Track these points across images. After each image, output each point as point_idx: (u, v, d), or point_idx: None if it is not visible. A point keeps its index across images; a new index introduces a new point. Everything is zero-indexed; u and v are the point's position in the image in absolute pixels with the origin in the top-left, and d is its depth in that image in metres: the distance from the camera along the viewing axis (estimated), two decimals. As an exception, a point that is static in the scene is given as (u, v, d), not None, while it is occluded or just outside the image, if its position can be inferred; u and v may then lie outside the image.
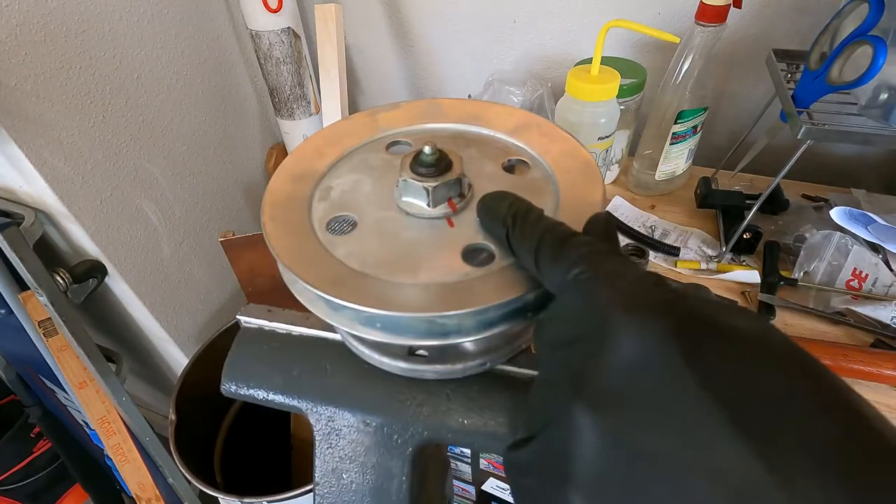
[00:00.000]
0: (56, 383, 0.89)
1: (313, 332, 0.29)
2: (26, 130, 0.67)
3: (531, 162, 0.27)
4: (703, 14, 0.61)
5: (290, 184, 0.27)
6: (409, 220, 0.25)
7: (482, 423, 0.25)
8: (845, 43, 0.50)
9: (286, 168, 0.28)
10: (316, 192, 0.27)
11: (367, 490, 0.27)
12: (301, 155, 0.29)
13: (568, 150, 0.27)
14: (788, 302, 0.59)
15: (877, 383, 0.52)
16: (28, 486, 1.12)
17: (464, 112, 0.30)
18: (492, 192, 0.23)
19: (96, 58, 0.74)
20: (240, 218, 1.10)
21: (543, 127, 0.28)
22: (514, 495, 0.20)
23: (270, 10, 0.85)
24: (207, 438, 0.95)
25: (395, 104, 0.31)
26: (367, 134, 0.30)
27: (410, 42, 0.96)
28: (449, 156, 0.24)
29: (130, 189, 0.84)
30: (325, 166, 0.28)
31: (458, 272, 0.22)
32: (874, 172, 0.79)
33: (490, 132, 0.29)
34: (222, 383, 0.29)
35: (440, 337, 0.22)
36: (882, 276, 0.58)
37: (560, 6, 0.82)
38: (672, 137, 0.70)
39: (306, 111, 0.99)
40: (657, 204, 0.77)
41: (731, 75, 0.78)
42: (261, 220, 0.25)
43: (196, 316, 1.03)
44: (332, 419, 0.27)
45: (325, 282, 0.22)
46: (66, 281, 0.77)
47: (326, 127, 0.31)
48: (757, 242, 0.65)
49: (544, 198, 0.25)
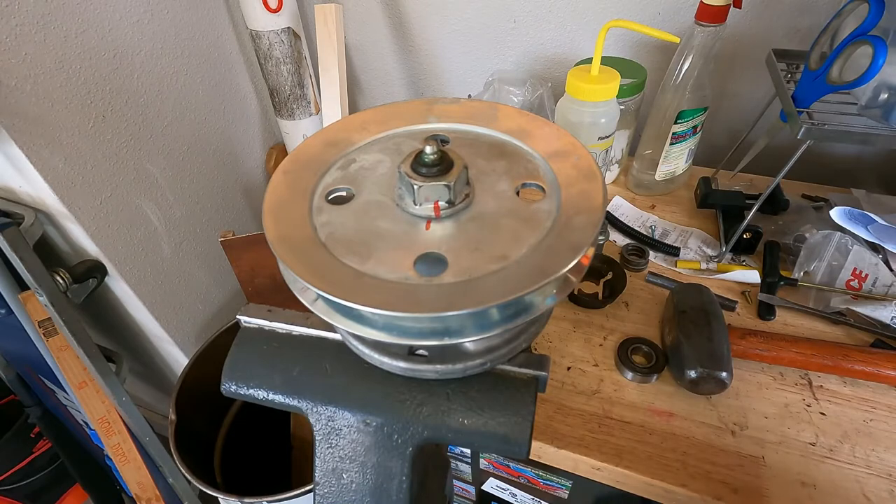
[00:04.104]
0: (56, 383, 0.89)
1: (313, 332, 0.29)
2: (26, 130, 0.67)
3: (549, 191, 0.26)
4: (703, 14, 0.61)
5: (321, 146, 0.28)
6: (395, 210, 0.25)
7: (482, 423, 0.25)
8: (845, 43, 0.50)
9: (326, 131, 0.29)
10: (340, 160, 0.28)
11: (367, 490, 0.27)
12: (346, 124, 0.30)
13: (588, 191, 0.25)
14: (788, 302, 0.59)
15: (877, 383, 0.52)
16: (28, 486, 1.12)
17: (515, 123, 0.30)
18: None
19: (96, 58, 0.74)
20: (240, 218, 1.10)
21: (582, 160, 0.27)
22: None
23: (270, 10, 0.85)
24: (207, 438, 0.95)
25: (456, 99, 0.31)
26: (416, 121, 0.30)
27: (410, 42, 0.96)
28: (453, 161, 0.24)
29: (130, 189, 0.84)
30: (362, 140, 0.29)
31: (400, 273, 0.22)
32: (874, 172, 0.79)
33: (530, 150, 0.28)
34: (222, 383, 0.29)
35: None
36: (882, 276, 0.58)
37: (560, 6, 0.82)
38: (672, 137, 0.70)
39: (306, 111, 0.99)
40: (657, 204, 0.77)
41: (731, 75, 0.78)
42: (281, 167, 0.27)
43: (196, 316, 1.03)
44: (332, 419, 0.27)
45: (279, 240, 0.23)
46: (66, 281, 0.77)
47: (384, 105, 0.31)
48: (757, 242, 0.65)
49: (533, 232, 0.24)
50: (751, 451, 0.48)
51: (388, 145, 0.29)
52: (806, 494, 0.44)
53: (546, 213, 0.25)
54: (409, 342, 0.23)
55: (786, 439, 0.48)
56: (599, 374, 0.55)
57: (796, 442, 0.48)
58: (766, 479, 0.45)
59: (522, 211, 0.25)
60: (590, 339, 0.58)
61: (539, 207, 0.25)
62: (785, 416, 0.50)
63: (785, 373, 0.54)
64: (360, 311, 0.22)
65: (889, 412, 0.50)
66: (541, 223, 0.24)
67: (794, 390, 0.52)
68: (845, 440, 0.48)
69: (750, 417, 0.50)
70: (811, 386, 0.53)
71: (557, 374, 0.55)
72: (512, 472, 0.67)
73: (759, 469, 0.46)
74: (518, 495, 0.71)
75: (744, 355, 0.54)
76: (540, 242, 0.23)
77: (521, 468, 0.65)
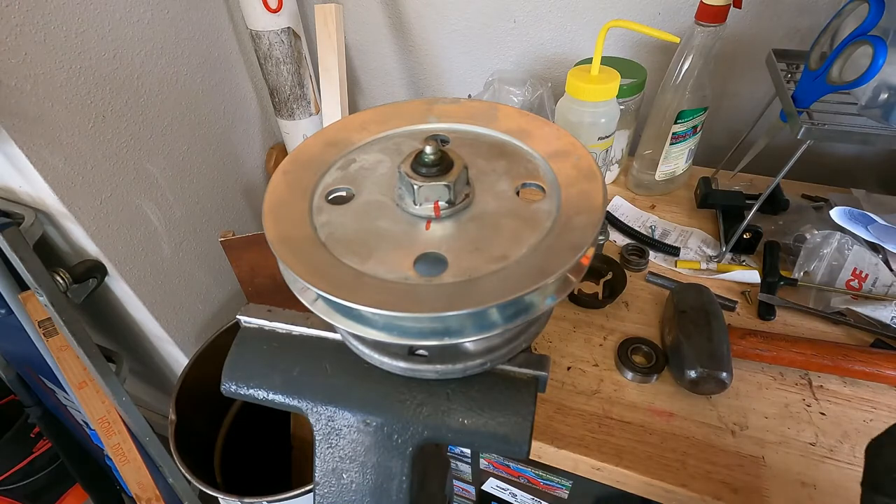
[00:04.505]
0: (56, 383, 0.89)
1: (313, 332, 0.29)
2: (26, 130, 0.67)
3: (549, 191, 0.26)
4: (703, 14, 0.61)
5: (321, 146, 0.28)
6: (395, 210, 0.25)
7: (482, 423, 0.25)
8: (845, 43, 0.50)
9: (326, 131, 0.29)
10: (340, 160, 0.28)
11: (367, 490, 0.27)
12: (346, 124, 0.30)
13: (588, 191, 0.25)
14: (788, 302, 0.59)
15: (877, 383, 0.52)
16: (28, 486, 1.12)
17: (515, 123, 0.30)
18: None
19: (96, 58, 0.74)
20: (240, 218, 1.10)
21: (582, 160, 0.27)
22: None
23: (270, 10, 0.85)
24: (207, 438, 0.95)
25: (456, 99, 0.31)
26: (416, 121, 0.30)
27: (410, 42, 0.96)
28: (453, 161, 0.24)
29: (130, 189, 0.84)
30: (362, 140, 0.29)
31: (400, 273, 0.22)
32: (874, 172, 0.79)
33: (530, 150, 0.28)
34: (222, 383, 0.29)
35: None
36: (882, 276, 0.58)
37: (560, 6, 0.82)
38: (672, 137, 0.70)
39: (306, 111, 0.99)
40: (657, 204, 0.77)
41: (731, 75, 0.78)
42: (281, 167, 0.27)
43: (196, 316, 1.03)
44: (332, 419, 0.27)
45: (279, 240, 0.23)
46: (66, 281, 0.76)
47: (384, 105, 0.31)
48: (757, 242, 0.65)
49: (533, 232, 0.24)
50: (751, 451, 0.48)
51: (388, 145, 0.29)
52: (806, 494, 0.44)
53: (546, 213, 0.25)
54: (409, 342, 0.23)
55: (786, 439, 0.48)
56: (599, 374, 0.55)
57: (796, 442, 0.48)
58: (766, 479, 0.46)
59: (522, 211, 0.25)
60: (590, 339, 0.58)
61: (539, 207, 0.25)
62: (785, 416, 0.50)
63: (785, 373, 0.54)
64: (360, 311, 0.22)
65: (889, 412, 0.50)
66: (541, 223, 0.24)
67: (794, 390, 0.52)
68: (845, 440, 0.48)
69: (750, 417, 0.50)
70: (811, 386, 0.53)
71: (557, 374, 0.55)
72: (512, 472, 0.67)
73: (759, 469, 0.46)
74: (518, 495, 0.71)
75: (744, 355, 0.54)
76: (540, 242, 0.23)
77: (521, 468, 0.65)
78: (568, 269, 0.22)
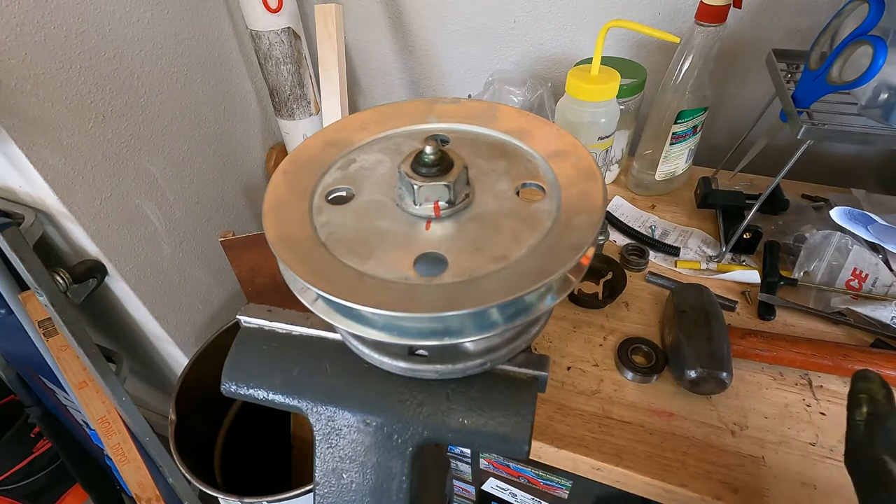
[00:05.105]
0: (56, 383, 0.89)
1: (313, 332, 0.29)
2: (26, 130, 0.67)
3: (549, 191, 0.26)
4: (703, 14, 0.61)
5: (321, 146, 0.28)
6: (395, 210, 0.25)
7: (482, 423, 0.25)
8: (845, 43, 0.50)
9: (326, 131, 0.29)
10: (340, 160, 0.28)
11: (367, 490, 0.27)
12: (346, 124, 0.30)
13: (588, 190, 0.25)
14: (788, 302, 0.59)
15: (877, 383, 0.52)
16: (28, 486, 1.12)
17: (515, 123, 0.30)
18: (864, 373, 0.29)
19: (96, 58, 0.74)
20: (240, 218, 1.10)
21: (582, 160, 0.27)
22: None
23: (270, 10, 0.85)
24: (207, 438, 0.95)
25: (456, 99, 0.31)
26: (416, 121, 0.30)
27: (410, 42, 0.96)
28: (453, 161, 0.24)
29: (130, 189, 0.84)
30: (362, 140, 0.29)
31: (400, 273, 0.22)
32: (874, 172, 0.79)
33: (530, 150, 0.28)
34: (222, 383, 0.29)
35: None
36: (882, 276, 0.58)
37: (560, 6, 0.82)
38: (672, 137, 0.70)
39: (306, 111, 0.99)
40: (657, 204, 0.77)
41: (731, 75, 0.78)
42: (281, 167, 0.27)
43: (196, 316, 1.03)
44: (332, 419, 0.27)
45: (280, 239, 0.23)
46: (66, 281, 0.76)
47: (384, 105, 0.31)
48: (757, 242, 0.65)
49: (533, 232, 0.24)
50: (751, 451, 0.48)
51: (388, 145, 0.29)
52: (806, 494, 0.44)
53: (546, 213, 0.25)
54: (409, 342, 0.23)
55: (786, 439, 0.48)
56: (599, 374, 0.55)
57: (796, 442, 0.48)
58: (766, 479, 0.46)
59: (522, 211, 0.25)
60: (590, 339, 0.58)
61: (539, 207, 0.25)
62: (785, 416, 0.50)
63: (785, 373, 0.54)
64: (360, 311, 0.22)
65: (889, 412, 0.50)
66: (541, 223, 0.24)
67: (794, 390, 0.52)
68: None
69: (750, 417, 0.50)
70: (811, 386, 0.53)
71: (557, 374, 0.55)
72: (512, 472, 0.67)
73: (759, 469, 0.46)
74: (518, 495, 0.71)
75: (744, 355, 0.54)
76: (540, 242, 0.23)
77: (521, 468, 0.65)
78: (568, 269, 0.22)
